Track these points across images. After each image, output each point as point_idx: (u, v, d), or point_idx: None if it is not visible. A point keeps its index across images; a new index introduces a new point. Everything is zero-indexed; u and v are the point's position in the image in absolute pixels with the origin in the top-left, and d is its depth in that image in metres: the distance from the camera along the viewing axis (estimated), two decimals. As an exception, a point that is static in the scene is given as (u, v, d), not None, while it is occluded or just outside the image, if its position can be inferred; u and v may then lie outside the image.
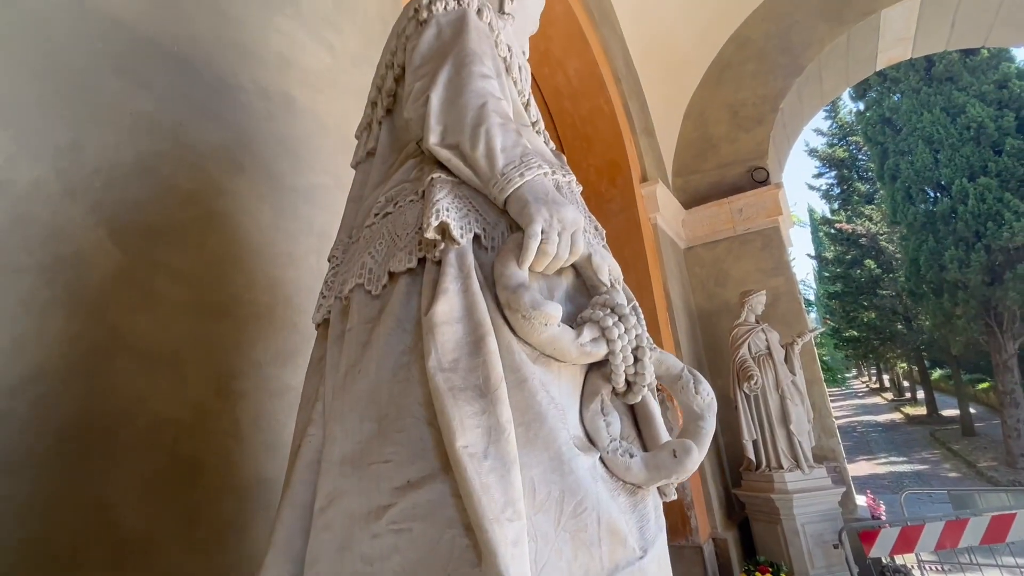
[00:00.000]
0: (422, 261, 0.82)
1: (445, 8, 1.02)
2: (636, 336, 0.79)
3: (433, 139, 0.86)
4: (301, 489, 0.77)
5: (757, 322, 5.53)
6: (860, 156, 21.33)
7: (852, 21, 6.46)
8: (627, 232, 5.85)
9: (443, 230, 0.79)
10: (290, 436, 1.16)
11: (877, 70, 7.53)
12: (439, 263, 0.79)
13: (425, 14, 1.03)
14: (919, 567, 5.06)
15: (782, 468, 4.99)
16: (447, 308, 0.72)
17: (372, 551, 0.64)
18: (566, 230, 0.78)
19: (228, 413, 1.43)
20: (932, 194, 13.30)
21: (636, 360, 0.79)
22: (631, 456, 0.76)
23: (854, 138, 21.07)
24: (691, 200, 6.94)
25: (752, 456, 5.16)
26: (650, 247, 5.80)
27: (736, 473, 5.63)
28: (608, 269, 0.85)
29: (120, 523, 1.17)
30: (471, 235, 0.81)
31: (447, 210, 0.79)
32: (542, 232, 0.76)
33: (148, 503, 1.22)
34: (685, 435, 0.79)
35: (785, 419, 5.14)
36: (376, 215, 0.92)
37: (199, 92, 1.58)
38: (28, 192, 1.16)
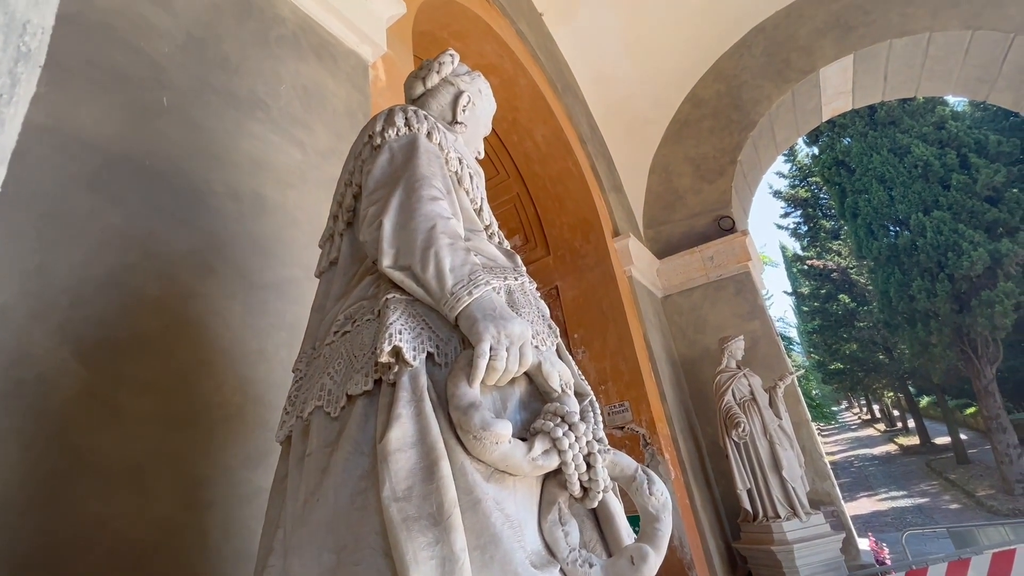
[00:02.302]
0: (378, 382, 0.85)
1: (397, 134, 1.12)
2: (587, 443, 0.82)
3: (387, 262, 0.92)
4: (260, 628, 0.76)
5: (738, 367, 5.59)
6: (821, 195, 22.38)
7: (794, 80, 7.00)
8: (603, 285, 5.98)
9: (396, 352, 0.83)
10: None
11: (825, 120, 8.08)
12: (393, 385, 0.82)
13: (379, 140, 1.12)
14: (930, 613, 4.90)
15: (779, 517, 4.89)
16: (400, 434, 0.74)
17: None
18: (514, 344, 0.83)
19: (195, 525, 1.39)
20: (892, 229, 13.94)
21: (589, 467, 0.81)
22: (591, 566, 0.78)
23: (814, 178, 22.17)
24: (664, 250, 7.16)
25: (748, 507, 5.07)
26: (627, 298, 5.91)
27: (735, 525, 5.50)
28: (559, 375, 0.89)
29: (76, 662, 1.10)
30: (424, 355, 0.85)
31: (400, 332, 0.84)
32: (491, 349, 0.80)
33: (107, 636, 1.16)
34: (643, 538, 0.81)
35: (777, 465, 5.09)
36: (336, 333, 0.96)
37: (170, 201, 1.64)
38: (-7, 319, 1.18)
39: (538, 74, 5.83)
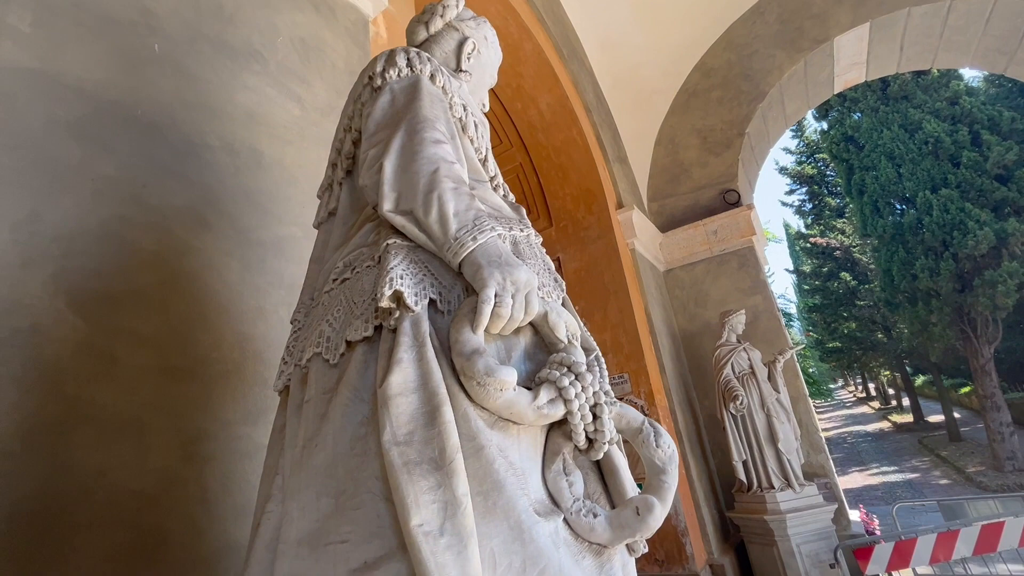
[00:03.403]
0: (378, 329, 0.82)
1: (399, 75, 1.06)
2: (594, 393, 0.79)
3: (387, 206, 0.88)
4: (258, 571, 0.75)
5: (739, 341, 5.59)
6: (828, 172, 22.08)
7: (807, 49, 6.79)
8: (606, 258, 5.93)
9: (398, 298, 0.80)
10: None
11: (836, 92, 7.88)
12: (395, 331, 0.79)
13: (379, 81, 1.07)
14: (916, 582, 5.03)
15: (773, 488, 4.97)
16: (401, 379, 0.72)
17: (329, 639, 0.62)
18: (520, 292, 0.79)
19: (195, 479, 1.39)
20: (899, 207, 13.78)
21: (595, 417, 0.79)
22: (595, 516, 0.76)
23: (821, 155, 21.84)
24: (667, 223, 7.09)
25: (743, 477, 5.14)
26: (629, 272, 5.87)
27: (729, 496, 5.60)
28: (565, 325, 0.86)
29: (79, 607, 1.11)
30: (426, 301, 0.81)
31: (401, 278, 0.80)
32: (496, 296, 0.77)
33: (110, 583, 1.17)
34: (648, 490, 0.80)
35: (773, 438, 5.15)
36: (334, 280, 0.92)
37: (164, 153, 1.59)
38: (-17, 266, 1.14)
39: (544, 39, 5.65)
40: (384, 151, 0.92)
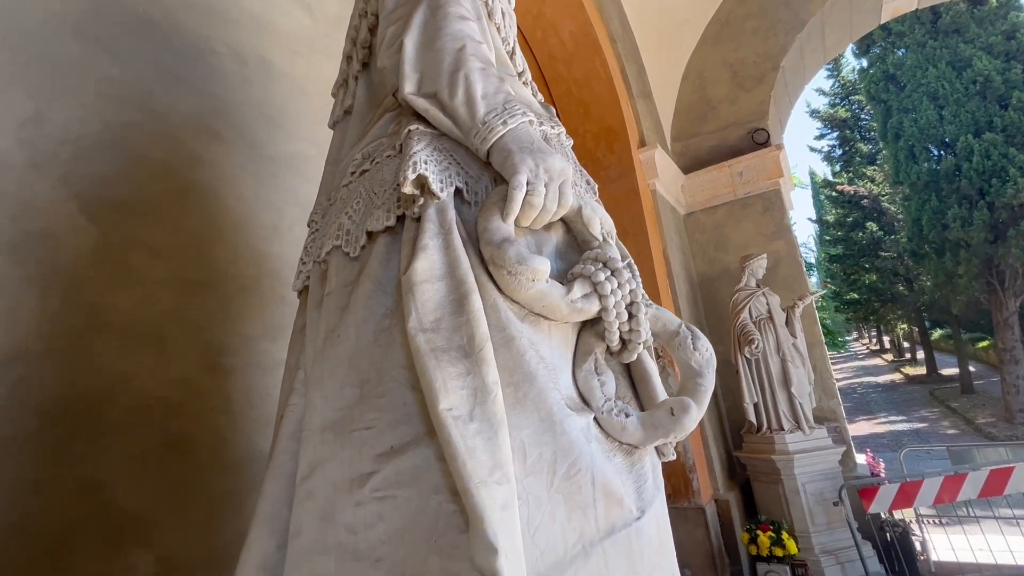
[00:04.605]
0: (401, 219, 0.77)
1: (418, -53, 0.94)
2: (630, 291, 0.74)
3: (409, 88, 0.80)
4: (284, 459, 0.74)
5: (758, 286, 5.50)
6: (863, 116, 20.91)
7: (856, -30, 6.21)
8: (625, 199, 5.75)
9: (422, 184, 0.74)
10: (281, 410, 1.13)
11: (882, 23, 7.28)
12: (418, 220, 0.74)
13: (397, -46, 0.95)
14: (917, 521, 5.15)
15: (783, 430, 5.03)
16: (427, 266, 0.67)
17: (356, 520, 0.61)
18: (553, 181, 0.73)
19: (218, 390, 1.40)
20: (936, 152, 13.06)
21: (631, 316, 0.75)
22: (627, 416, 0.73)
23: (856, 97, 20.62)
24: (690, 165, 6.81)
25: (753, 419, 5.20)
26: (649, 214, 5.71)
27: (737, 436, 5.69)
28: (600, 222, 0.80)
29: (113, 503, 1.15)
30: (452, 189, 0.75)
31: (425, 163, 0.74)
32: (528, 183, 0.71)
33: (140, 482, 1.20)
34: (683, 393, 0.76)
35: (786, 382, 5.16)
36: (352, 173, 0.86)
37: (168, 57, 1.50)
38: (-10, 165, 1.10)
39: (568, -43, 5.23)
40: (405, 28, 0.83)
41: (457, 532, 0.56)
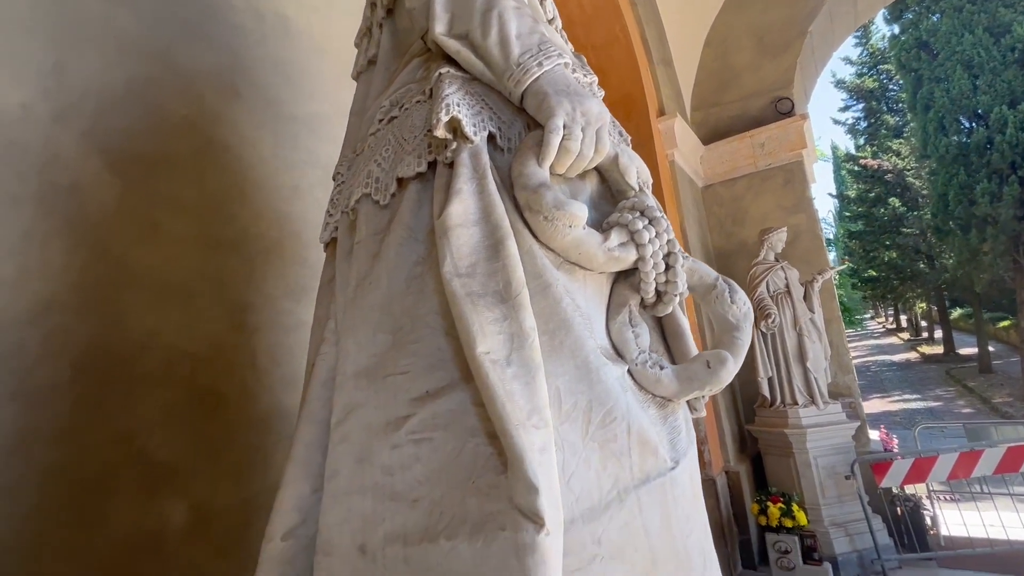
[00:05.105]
0: (432, 165, 0.75)
1: None
2: (668, 241, 0.72)
3: (440, 28, 0.77)
4: (318, 406, 0.75)
5: (776, 260, 5.40)
6: (891, 86, 20.12)
7: (894, -74, 5.86)
8: (643, 170, 5.64)
9: (454, 127, 0.72)
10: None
11: (918, -16, 6.91)
12: (451, 165, 0.72)
13: None
14: (929, 496, 5.16)
15: (797, 404, 5.01)
16: (461, 210, 0.65)
17: (392, 461, 0.61)
18: (591, 125, 0.70)
19: (244, 347, 1.42)
20: (967, 124, 12.56)
21: (668, 267, 0.73)
22: (661, 368, 0.72)
23: (885, 67, 19.80)
24: (710, 135, 6.62)
25: (767, 393, 5.19)
26: (667, 185, 5.60)
27: (750, 410, 5.69)
28: (636, 171, 0.77)
29: (146, 451, 1.18)
30: (485, 134, 0.73)
31: (458, 105, 0.71)
32: (564, 127, 0.68)
33: (172, 433, 1.23)
34: (720, 346, 0.74)
35: (802, 356, 5.11)
36: (380, 121, 0.84)
37: (186, 11, 1.47)
38: (16, 116, 1.10)
39: (588, -87, 5.00)
40: (434, -35, 0.79)
41: (495, 473, 0.56)
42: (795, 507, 4.34)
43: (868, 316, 46.86)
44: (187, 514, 1.22)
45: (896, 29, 15.44)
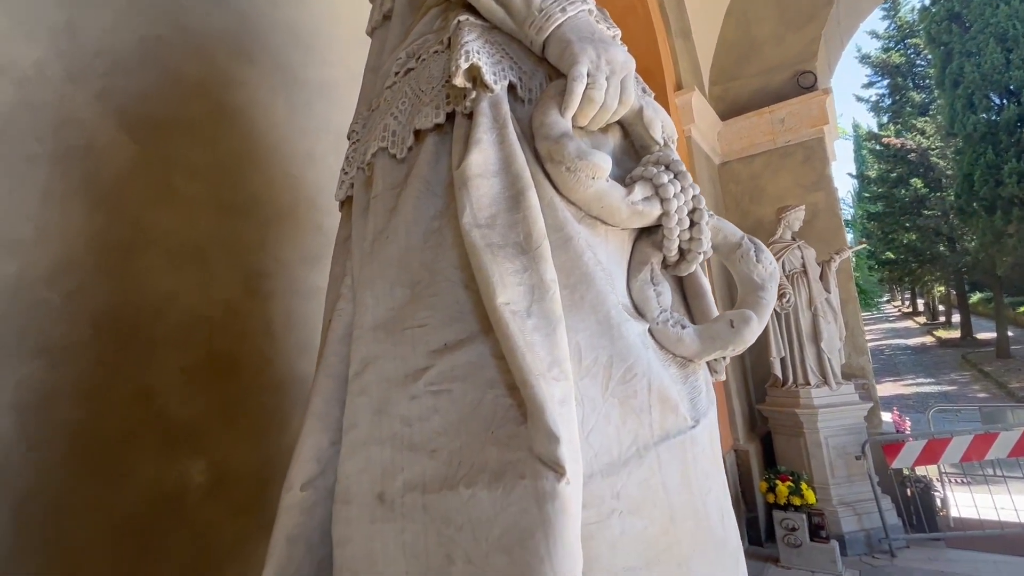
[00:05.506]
0: (451, 116, 0.73)
1: None
2: (693, 197, 0.70)
3: (458, -27, 0.74)
4: (335, 361, 0.74)
5: (793, 239, 5.31)
6: (919, 61, 19.39)
7: None
8: (658, 146, 5.52)
9: (474, 76, 0.69)
10: (322, 331, 1.15)
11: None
12: (470, 116, 0.69)
13: None
14: (940, 478, 5.13)
15: (809, 384, 4.98)
16: (481, 159, 0.63)
17: (410, 412, 0.61)
18: (615, 74, 0.67)
19: (259, 312, 1.42)
20: (997, 101, 12.10)
21: (692, 224, 0.70)
22: (683, 327, 0.70)
23: (914, 41, 19.06)
24: (729, 111, 6.45)
25: (779, 373, 5.15)
26: (683, 161, 5.49)
27: (761, 390, 5.67)
28: (661, 125, 0.74)
29: (166, 411, 1.20)
30: (505, 83, 0.70)
31: (478, 53, 0.69)
32: (588, 75, 0.65)
33: (190, 394, 1.25)
34: (744, 306, 0.72)
35: (816, 337, 5.06)
36: (396, 74, 0.82)
37: (197, -31, 1.44)
38: (31, 75, 1.09)
39: None
40: (452, -93, 0.76)
41: (515, 424, 0.55)
42: (804, 486, 4.34)
43: (884, 300, 46.18)
44: (206, 473, 1.24)
45: (927, 0, 14.80)
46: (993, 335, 16.52)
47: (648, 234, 0.73)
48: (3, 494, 0.95)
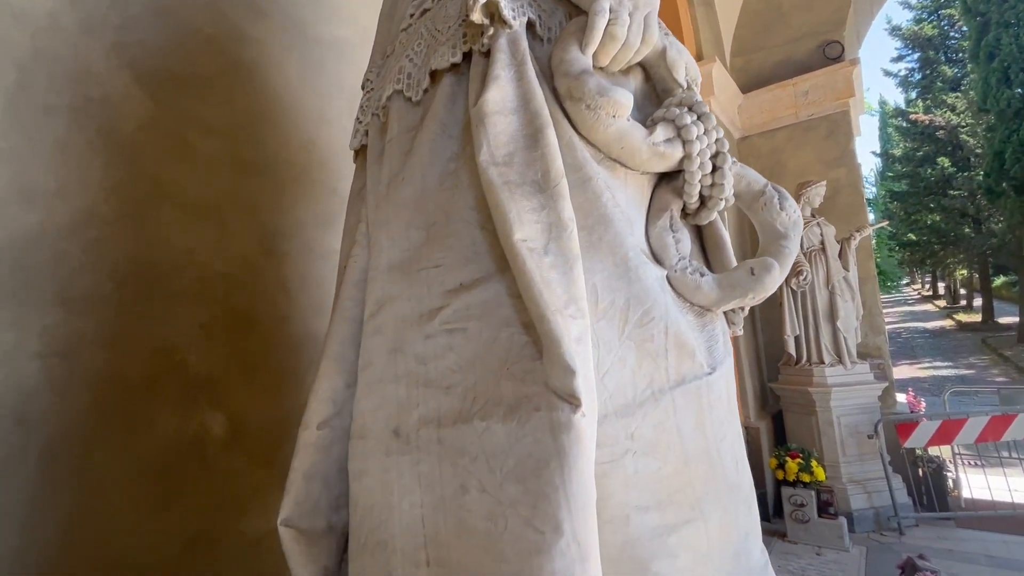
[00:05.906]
0: (467, 56, 0.71)
1: None
2: (717, 140, 0.67)
3: (476, -94, 0.71)
4: (350, 305, 0.75)
5: (813, 216, 5.19)
6: (952, 33, 18.54)
7: None
8: (676, 119, 5.39)
9: (492, 12, 0.67)
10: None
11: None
12: (487, 54, 0.67)
13: None
14: (953, 459, 5.10)
15: (823, 363, 4.93)
16: (499, 96, 0.62)
17: (425, 351, 0.61)
18: (639, 9, 0.65)
19: (275, 271, 1.44)
20: (1034, 75, 11.56)
21: (715, 169, 0.68)
22: (701, 275, 0.69)
23: (948, 11, 18.20)
24: (751, 83, 6.25)
25: (793, 351, 5.10)
26: (701, 134, 5.36)
27: (774, 369, 5.63)
28: (685, 66, 0.72)
29: (186, 364, 1.22)
30: (524, 19, 0.68)
31: (495, -12, 0.67)
32: (610, 10, 0.63)
33: (209, 349, 1.27)
34: (765, 255, 0.71)
35: (832, 315, 4.99)
36: (412, 15, 0.80)
37: (208, -80, 1.41)
38: (45, 25, 1.08)
39: None
40: None
41: (530, 360, 0.55)
42: (814, 463, 4.34)
43: (904, 282, 45.28)
44: (225, 425, 1.27)
45: (965, -33, 14.05)
46: (1015, 319, 16.15)
47: (668, 180, 0.72)
48: (30, 439, 0.98)
